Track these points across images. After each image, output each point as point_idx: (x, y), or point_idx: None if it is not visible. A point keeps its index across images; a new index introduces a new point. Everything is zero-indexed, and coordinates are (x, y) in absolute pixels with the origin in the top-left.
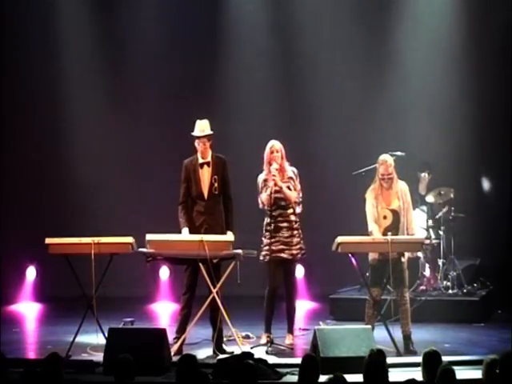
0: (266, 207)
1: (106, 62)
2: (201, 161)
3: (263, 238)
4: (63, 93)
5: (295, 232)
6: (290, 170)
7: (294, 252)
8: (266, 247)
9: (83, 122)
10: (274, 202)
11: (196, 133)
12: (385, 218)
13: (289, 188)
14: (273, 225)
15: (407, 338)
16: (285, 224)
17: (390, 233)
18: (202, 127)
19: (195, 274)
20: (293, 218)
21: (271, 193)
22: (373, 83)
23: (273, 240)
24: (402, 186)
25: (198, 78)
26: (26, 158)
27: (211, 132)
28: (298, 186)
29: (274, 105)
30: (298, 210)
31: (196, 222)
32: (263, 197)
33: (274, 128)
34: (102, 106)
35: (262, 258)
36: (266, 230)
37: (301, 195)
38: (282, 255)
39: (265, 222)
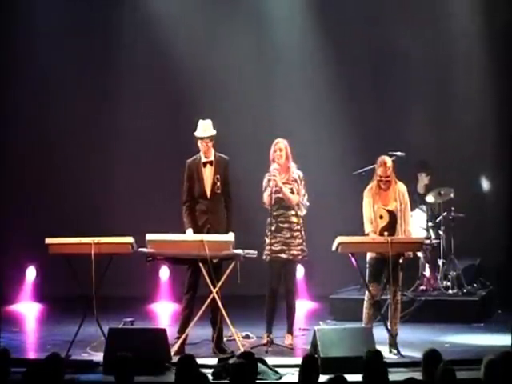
0: (267, 206)
1: (105, 60)
2: (204, 160)
3: (265, 238)
4: (63, 92)
5: (296, 233)
6: (296, 173)
7: (295, 253)
8: (268, 247)
9: (83, 121)
10: (276, 201)
11: (199, 133)
12: (381, 217)
13: (292, 190)
14: (274, 225)
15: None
16: (286, 225)
17: (386, 232)
18: (205, 127)
19: (197, 274)
20: (294, 219)
21: (271, 193)
22: (373, 83)
23: (274, 240)
24: (400, 187)
25: (200, 77)
26: (26, 158)
27: (214, 132)
28: (302, 191)
29: (274, 104)
30: (301, 212)
31: (199, 222)
32: (264, 195)
33: (275, 127)
34: (102, 106)
35: (264, 257)
36: (269, 230)
37: (306, 198)
38: (282, 256)
39: (267, 222)
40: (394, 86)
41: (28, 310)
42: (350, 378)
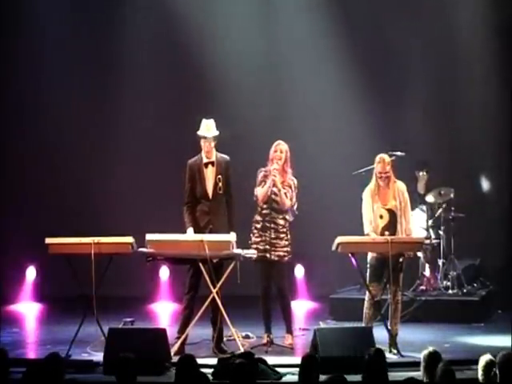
0: (258, 202)
1: (107, 60)
2: (205, 160)
3: (251, 235)
4: (64, 92)
5: (282, 235)
6: (291, 179)
7: (281, 254)
8: (254, 245)
9: (83, 121)
10: (268, 200)
11: (202, 132)
12: (381, 217)
13: (285, 195)
14: (261, 223)
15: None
16: (272, 225)
17: (387, 232)
18: (209, 127)
19: (198, 275)
20: (281, 222)
21: (270, 193)
22: (372, 82)
23: (259, 239)
24: (399, 186)
25: (203, 77)
26: (26, 158)
27: (217, 132)
28: (294, 198)
29: (276, 106)
30: (289, 218)
31: (201, 223)
32: (259, 191)
33: (275, 127)
34: (102, 106)
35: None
36: (255, 228)
37: (296, 207)
38: (267, 256)
39: (254, 219)
40: (394, 85)
41: (28, 309)
42: (350, 378)
